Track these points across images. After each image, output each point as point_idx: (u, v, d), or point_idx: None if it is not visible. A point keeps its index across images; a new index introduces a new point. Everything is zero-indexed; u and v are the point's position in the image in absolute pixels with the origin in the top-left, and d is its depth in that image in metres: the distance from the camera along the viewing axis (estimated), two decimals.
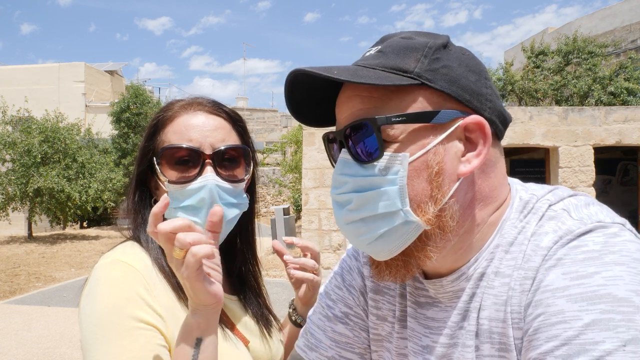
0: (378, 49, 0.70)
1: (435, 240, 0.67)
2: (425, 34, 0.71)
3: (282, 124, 36.55)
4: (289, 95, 0.72)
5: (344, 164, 0.69)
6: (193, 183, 0.97)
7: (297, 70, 0.68)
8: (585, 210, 0.66)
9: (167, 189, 0.99)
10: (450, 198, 0.66)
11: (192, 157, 0.98)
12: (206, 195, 0.96)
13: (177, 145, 0.98)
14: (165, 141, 1.01)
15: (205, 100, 1.06)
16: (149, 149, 1.04)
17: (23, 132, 14.49)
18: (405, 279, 0.71)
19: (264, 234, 14.86)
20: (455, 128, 0.66)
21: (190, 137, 0.99)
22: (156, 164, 1.00)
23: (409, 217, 0.65)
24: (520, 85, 14.30)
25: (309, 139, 8.77)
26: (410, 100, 0.66)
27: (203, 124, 1.01)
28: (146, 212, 1.05)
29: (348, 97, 0.69)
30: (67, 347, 5.49)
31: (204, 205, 0.97)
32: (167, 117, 1.03)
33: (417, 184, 0.65)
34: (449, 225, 0.67)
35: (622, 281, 0.55)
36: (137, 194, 1.06)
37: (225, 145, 1.01)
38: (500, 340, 0.66)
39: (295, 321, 1.21)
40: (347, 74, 0.64)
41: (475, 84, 0.68)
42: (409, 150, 0.65)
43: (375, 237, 0.67)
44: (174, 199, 0.98)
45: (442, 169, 0.65)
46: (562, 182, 8.28)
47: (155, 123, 1.04)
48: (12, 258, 11.65)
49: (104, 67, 27.48)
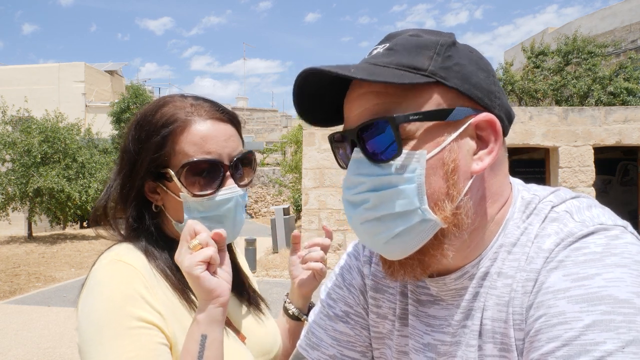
0: (387, 46, 0.69)
1: (450, 238, 0.67)
2: (431, 32, 0.71)
3: (282, 124, 36.59)
4: (298, 95, 0.72)
5: (357, 163, 0.69)
6: (218, 195, 1.00)
7: (311, 69, 0.66)
8: (587, 212, 0.66)
9: (183, 199, 0.99)
10: (465, 195, 0.66)
11: (213, 169, 1.00)
12: (232, 205, 1.01)
13: (201, 159, 0.98)
14: (179, 152, 0.99)
15: (208, 104, 1.05)
16: (158, 160, 1.00)
17: (23, 132, 14.49)
18: (420, 277, 0.71)
19: (264, 234, 14.87)
20: (468, 125, 0.67)
21: (208, 150, 0.99)
22: (176, 178, 0.99)
23: (426, 215, 0.65)
24: (520, 85, 14.31)
25: (309, 139, 8.77)
26: (426, 98, 0.65)
27: (217, 133, 1.01)
28: (150, 220, 1.04)
29: (360, 95, 0.68)
30: (67, 347, 5.49)
31: (230, 214, 1.01)
32: (177, 127, 1.00)
33: (434, 182, 0.65)
34: (464, 223, 0.67)
35: (623, 283, 0.55)
36: (137, 202, 1.04)
37: (239, 154, 1.04)
38: (502, 340, 0.66)
39: (293, 314, 1.22)
40: (365, 72, 0.63)
41: (485, 81, 0.68)
42: (425, 147, 0.65)
43: (392, 235, 0.67)
44: (192, 209, 0.99)
45: (457, 166, 0.65)
46: (562, 182, 8.29)
47: (165, 134, 1.00)
48: (12, 258, 11.65)
49: (104, 67, 27.49)
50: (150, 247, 1.01)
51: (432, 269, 0.71)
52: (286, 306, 1.23)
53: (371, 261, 0.88)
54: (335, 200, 8.62)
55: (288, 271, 1.26)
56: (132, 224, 1.04)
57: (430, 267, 0.70)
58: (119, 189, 1.05)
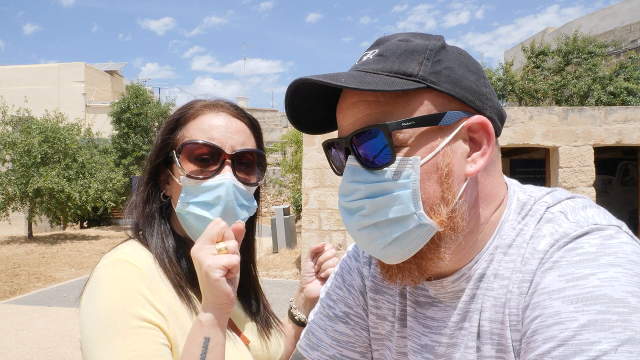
0: (376, 52, 0.70)
1: (447, 242, 0.68)
2: (420, 36, 0.71)
3: (282, 124, 36.51)
4: (290, 104, 0.72)
5: (352, 171, 0.69)
6: (211, 180, 0.99)
7: (301, 80, 0.67)
8: (582, 212, 0.67)
9: (182, 183, 1.00)
10: (460, 198, 0.67)
11: (213, 155, 1.01)
12: (223, 193, 0.99)
13: (200, 141, 1.00)
14: (186, 136, 1.03)
15: (228, 103, 1.09)
16: (167, 142, 1.05)
17: (23, 132, 14.50)
18: (418, 281, 0.72)
19: (264, 234, 14.86)
20: (460, 129, 0.67)
21: (212, 136, 1.01)
22: (176, 157, 1.01)
23: (422, 220, 0.65)
24: (520, 86, 14.30)
25: (309, 139, 8.77)
26: (417, 104, 0.66)
27: (226, 125, 1.04)
28: (155, 204, 1.06)
29: (353, 104, 0.68)
30: (67, 347, 5.49)
31: (219, 202, 0.99)
32: (190, 114, 1.05)
33: (428, 187, 0.66)
34: (460, 226, 0.67)
35: (618, 282, 0.56)
36: (149, 186, 1.06)
37: (245, 149, 1.04)
38: (499, 341, 0.67)
39: (299, 320, 1.22)
40: (355, 81, 0.64)
41: (475, 83, 0.69)
42: (419, 153, 0.66)
43: (389, 241, 0.67)
44: (189, 193, 1.00)
45: (451, 170, 0.66)
46: (562, 182, 8.28)
47: (177, 118, 1.05)
48: (12, 258, 11.65)
49: (104, 67, 27.48)
50: (157, 239, 1.01)
51: (430, 272, 0.71)
52: (292, 312, 1.24)
53: (371, 262, 0.89)
54: (335, 200, 8.62)
55: (300, 277, 1.27)
56: (145, 212, 1.05)
57: (428, 270, 0.70)
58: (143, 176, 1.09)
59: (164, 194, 1.07)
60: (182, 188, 1.00)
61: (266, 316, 1.17)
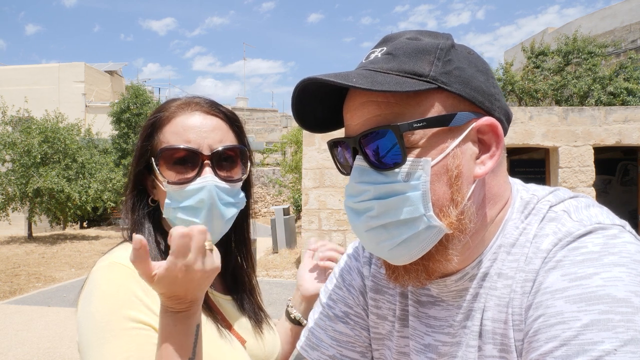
0: (385, 50, 0.69)
1: (455, 243, 0.67)
2: (429, 34, 0.70)
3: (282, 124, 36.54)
4: (297, 102, 0.71)
5: (360, 171, 0.68)
6: (192, 184, 0.97)
7: (310, 79, 0.66)
8: (585, 212, 0.66)
9: (165, 189, 0.99)
10: (468, 200, 0.67)
11: (191, 158, 0.99)
12: (205, 196, 0.97)
13: (176, 146, 0.98)
14: (163, 141, 1.01)
15: (202, 100, 1.06)
16: (146, 149, 1.03)
17: (23, 133, 14.49)
18: (426, 282, 0.71)
19: (264, 234, 14.85)
20: (470, 130, 0.66)
21: (188, 138, 0.99)
22: (154, 165, 1.00)
23: (432, 221, 0.65)
24: (520, 86, 14.29)
25: (309, 139, 8.77)
26: (428, 105, 0.65)
27: (201, 124, 1.01)
28: (143, 210, 1.05)
29: (362, 103, 0.67)
30: (67, 347, 5.49)
31: (203, 206, 0.97)
32: (164, 117, 1.03)
33: (438, 188, 0.65)
34: (468, 227, 0.67)
35: (622, 282, 0.55)
36: (134, 193, 1.06)
37: (223, 146, 1.01)
38: (501, 341, 0.67)
39: (294, 318, 1.21)
40: (367, 81, 0.63)
41: (484, 84, 0.68)
42: (430, 154, 0.65)
43: (397, 242, 0.66)
44: (173, 199, 0.98)
45: (461, 172, 0.65)
46: (562, 182, 8.28)
47: (152, 123, 1.04)
48: (12, 258, 11.65)
49: (104, 67, 27.47)
50: (149, 242, 1.00)
51: (437, 274, 0.71)
52: (288, 310, 1.23)
53: (371, 262, 0.88)
54: (335, 201, 8.61)
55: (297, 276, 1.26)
56: (134, 218, 1.04)
57: (435, 272, 0.70)
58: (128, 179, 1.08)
59: (152, 199, 1.06)
60: (167, 194, 0.99)
61: (259, 313, 1.17)
